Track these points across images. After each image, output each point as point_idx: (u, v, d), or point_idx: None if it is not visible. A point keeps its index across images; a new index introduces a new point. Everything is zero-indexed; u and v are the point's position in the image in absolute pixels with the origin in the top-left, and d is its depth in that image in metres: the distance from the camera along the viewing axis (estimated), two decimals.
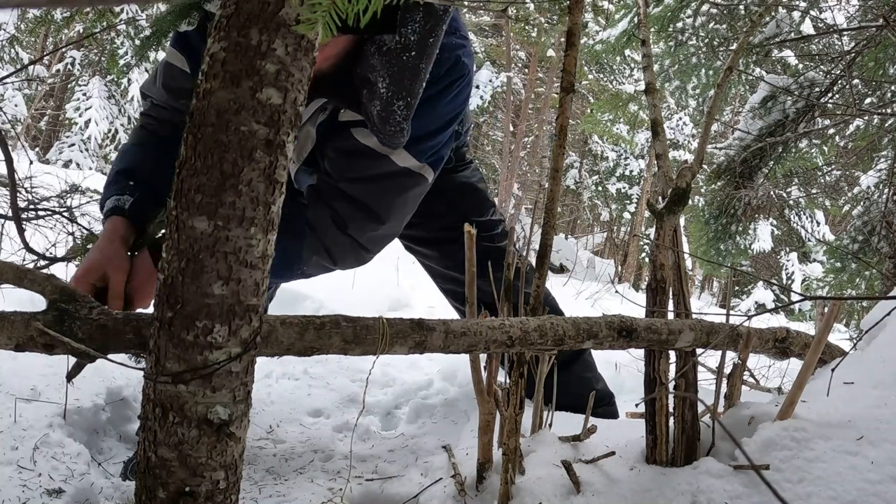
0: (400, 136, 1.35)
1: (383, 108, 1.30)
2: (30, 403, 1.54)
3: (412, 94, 1.30)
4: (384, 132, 1.33)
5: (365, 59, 1.29)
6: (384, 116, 1.31)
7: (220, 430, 0.78)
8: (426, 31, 1.25)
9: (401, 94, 1.29)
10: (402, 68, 1.27)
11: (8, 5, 0.29)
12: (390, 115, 1.31)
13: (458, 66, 1.44)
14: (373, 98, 1.30)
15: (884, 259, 2.95)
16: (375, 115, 1.32)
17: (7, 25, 5.63)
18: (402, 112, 1.30)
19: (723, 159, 3.33)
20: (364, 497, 1.52)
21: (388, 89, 1.28)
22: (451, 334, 1.02)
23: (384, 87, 1.28)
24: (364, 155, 1.42)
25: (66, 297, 0.82)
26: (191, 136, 0.75)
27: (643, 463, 1.18)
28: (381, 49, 1.26)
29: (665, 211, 1.27)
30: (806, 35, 3.24)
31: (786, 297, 9.43)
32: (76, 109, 11.67)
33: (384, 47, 1.26)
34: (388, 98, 1.29)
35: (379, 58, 1.27)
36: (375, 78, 1.29)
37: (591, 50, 4.74)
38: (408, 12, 1.22)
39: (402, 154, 1.43)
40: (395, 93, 1.29)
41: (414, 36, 1.24)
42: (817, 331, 1.08)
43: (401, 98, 1.29)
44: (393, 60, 1.26)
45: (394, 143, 1.36)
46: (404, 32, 1.24)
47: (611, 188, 14.97)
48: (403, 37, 1.24)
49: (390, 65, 1.27)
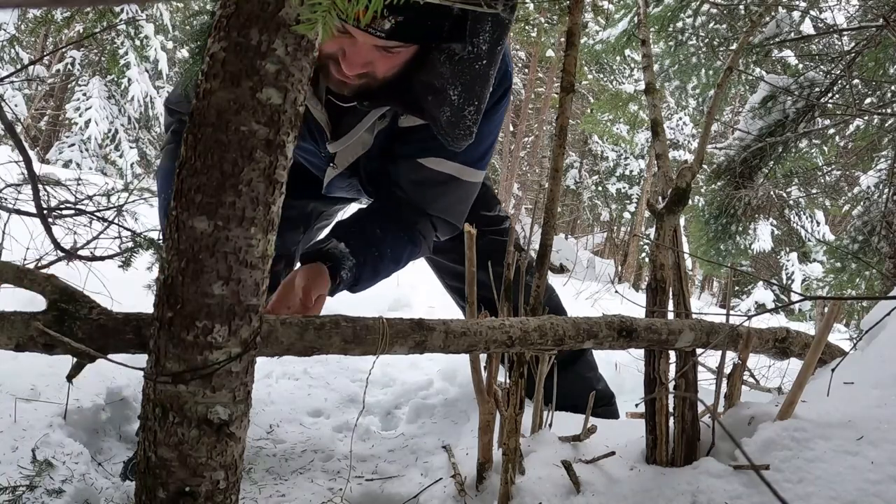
0: (467, 139, 1.41)
1: (454, 113, 1.36)
2: (30, 403, 1.54)
3: (482, 99, 1.36)
4: (452, 136, 1.39)
5: (431, 67, 1.33)
6: (454, 122, 1.37)
7: (220, 430, 0.79)
8: (495, 39, 1.29)
9: (472, 101, 1.35)
10: (475, 76, 1.32)
11: (8, 5, 0.29)
12: (460, 121, 1.37)
13: (507, 77, 1.51)
14: (441, 104, 1.35)
15: (884, 259, 2.95)
16: (445, 120, 1.37)
17: (7, 25, 5.64)
18: (472, 117, 1.37)
19: (723, 159, 3.32)
20: (364, 497, 1.52)
21: (459, 96, 1.34)
22: (451, 334, 1.02)
23: (456, 94, 1.34)
24: (440, 183, 1.54)
25: (66, 297, 0.82)
26: (191, 136, 0.75)
27: (643, 463, 1.18)
28: (451, 58, 1.30)
29: (665, 211, 1.27)
30: (806, 35, 3.24)
31: (786, 297, 9.43)
32: (76, 109, 11.66)
33: (455, 56, 1.30)
34: (460, 104, 1.35)
35: (450, 66, 1.31)
36: (443, 85, 1.33)
37: (591, 50, 4.74)
38: (478, 23, 1.27)
39: (469, 171, 1.55)
40: (466, 99, 1.34)
41: (485, 45, 1.29)
42: (817, 331, 1.08)
43: (472, 104, 1.35)
44: (465, 69, 1.31)
45: (460, 145, 1.42)
46: (476, 42, 1.28)
47: (611, 188, 14.98)
48: (475, 46, 1.28)
49: (462, 73, 1.31)
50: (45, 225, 1.10)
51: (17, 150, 0.96)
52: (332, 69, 1.32)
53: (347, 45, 1.25)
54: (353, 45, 1.24)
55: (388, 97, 1.40)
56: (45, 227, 1.10)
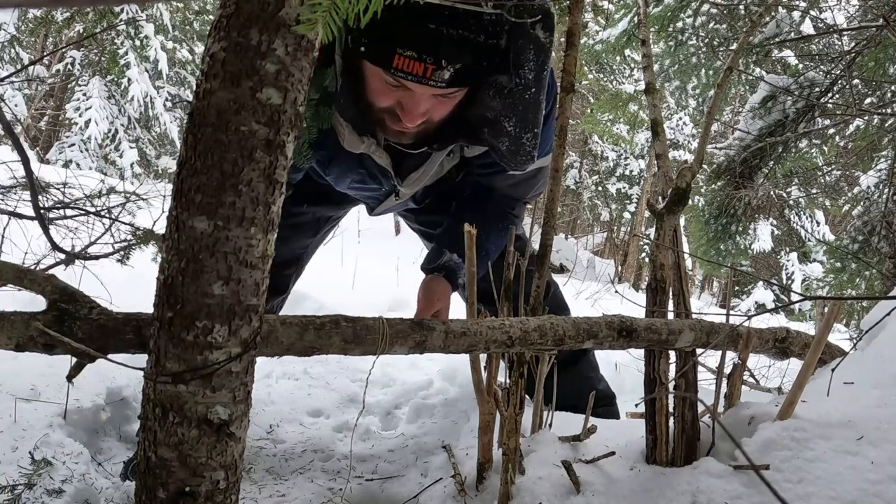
0: (530, 162, 1.44)
1: (512, 142, 1.38)
2: (30, 403, 1.54)
3: (537, 124, 1.38)
4: (514, 162, 1.42)
5: (481, 102, 1.35)
6: (513, 150, 1.40)
7: (220, 430, 0.78)
8: (539, 66, 1.31)
9: (528, 128, 1.37)
10: (526, 105, 1.34)
11: (8, 5, 0.29)
12: (520, 148, 1.40)
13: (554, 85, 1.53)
14: (498, 135, 1.38)
15: (884, 259, 2.95)
16: (505, 150, 1.40)
17: (7, 25, 5.63)
18: (530, 142, 1.39)
19: (723, 159, 3.33)
20: (364, 497, 1.52)
21: (515, 126, 1.36)
22: (451, 334, 1.02)
23: (511, 125, 1.36)
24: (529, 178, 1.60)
25: (66, 297, 0.82)
26: (191, 136, 0.75)
27: (643, 463, 1.18)
28: (500, 91, 1.32)
29: (665, 211, 1.27)
30: (806, 35, 3.24)
31: (786, 297, 9.43)
32: (76, 109, 11.65)
33: (504, 90, 1.32)
34: (517, 134, 1.37)
35: (500, 100, 1.33)
36: (497, 117, 1.35)
37: (591, 50, 4.74)
38: (521, 54, 1.28)
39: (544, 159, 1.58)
40: (522, 128, 1.37)
41: (531, 74, 1.31)
42: (817, 331, 1.08)
43: (528, 131, 1.38)
44: (516, 100, 1.33)
45: (524, 167, 1.46)
46: (522, 73, 1.30)
47: (611, 188, 14.97)
48: (522, 77, 1.30)
49: (514, 105, 1.34)
50: (43, 226, 1.10)
51: (16, 151, 0.96)
52: (389, 122, 1.34)
53: (404, 97, 1.26)
54: (411, 98, 1.26)
55: (451, 135, 1.43)
56: (43, 228, 1.10)
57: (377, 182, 1.61)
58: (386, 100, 1.28)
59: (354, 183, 1.63)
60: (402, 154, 1.50)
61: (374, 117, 1.35)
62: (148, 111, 11.65)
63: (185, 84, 12.87)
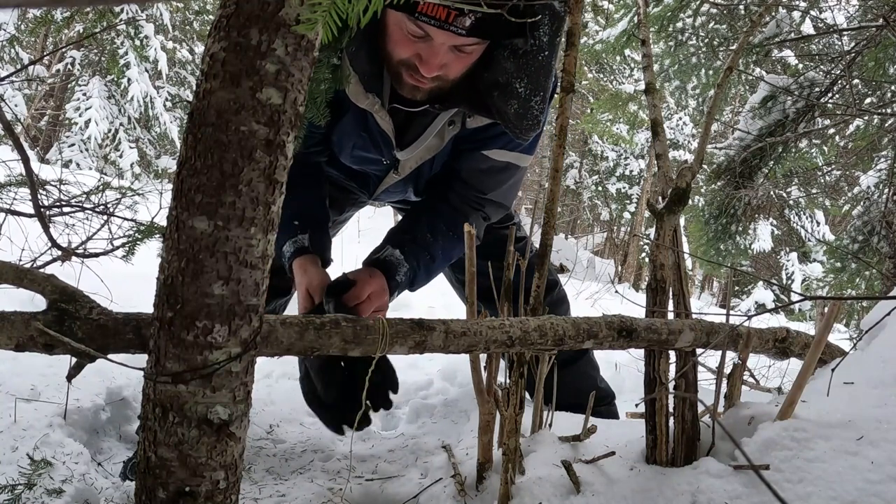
0: (535, 129, 1.46)
1: (521, 105, 1.41)
2: (30, 403, 1.54)
3: (546, 89, 1.42)
4: (520, 127, 1.44)
5: (496, 64, 1.38)
6: (521, 113, 1.42)
7: (220, 430, 0.78)
8: (553, 31, 1.35)
9: (538, 91, 1.40)
10: (538, 67, 1.37)
11: (8, 5, 0.29)
12: (528, 111, 1.42)
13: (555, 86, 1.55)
14: (508, 98, 1.40)
15: (884, 259, 2.95)
16: (513, 113, 1.42)
17: (7, 25, 5.63)
18: (538, 107, 1.42)
19: (723, 159, 3.33)
20: (364, 497, 1.52)
21: (526, 88, 1.39)
22: (451, 334, 1.02)
23: (522, 86, 1.39)
24: (501, 170, 1.63)
25: (67, 297, 0.82)
26: (191, 135, 0.75)
27: (643, 463, 1.18)
28: (515, 53, 1.36)
29: (665, 211, 1.27)
30: (806, 35, 3.24)
31: (786, 297, 9.42)
32: (76, 109, 11.64)
33: (519, 51, 1.35)
34: (527, 95, 1.40)
35: (514, 61, 1.36)
36: (508, 79, 1.38)
37: (591, 50, 4.74)
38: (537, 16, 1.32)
39: (524, 157, 1.64)
40: (532, 90, 1.39)
41: (545, 37, 1.34)
42: (817, 331, 1.08)
43: (538, 94, 1.40)
44: (530, 61, 1.36)
45: (528, 136, 1.48)
46: (537, 35, 1.33)
47: (611, 188, 14.96)
48: (537, 39, 1.34)
49: (527, 65, 1.37)
50: (43, 224, 1.10)
51: (16, 150, 0.96)
52: (406, 75, 1.36)
53: (423, 49, 1.29)
54: (430, 48, 1.28)
55: (458, 99, 1.45)
56: (43, 226, 1.10)
57: (378, 151, 1.62)
58: (405, 50, 1.31)
59: (357, 149, 1.64)
60: (405, 122, 1.53)
61: (392, 70, 1.38)
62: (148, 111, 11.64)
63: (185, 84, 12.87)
